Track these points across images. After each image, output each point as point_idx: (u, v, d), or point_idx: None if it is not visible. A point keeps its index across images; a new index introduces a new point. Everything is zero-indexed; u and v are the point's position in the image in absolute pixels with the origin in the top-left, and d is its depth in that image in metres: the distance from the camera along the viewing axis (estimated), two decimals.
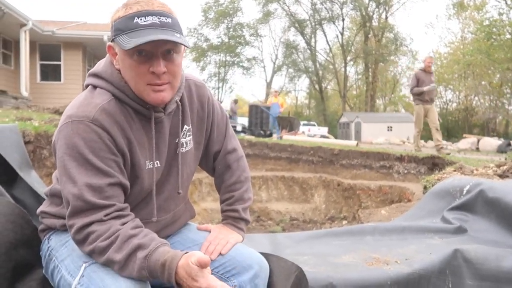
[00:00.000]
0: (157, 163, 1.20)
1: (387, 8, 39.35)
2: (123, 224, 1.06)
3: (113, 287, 1.00)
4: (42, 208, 1.30)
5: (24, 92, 12.10)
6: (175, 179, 1.27)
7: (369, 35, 39.48)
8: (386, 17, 40.10)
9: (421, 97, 7.76)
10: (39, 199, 1.83)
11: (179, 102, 1.24)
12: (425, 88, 7.59)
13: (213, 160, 1.42)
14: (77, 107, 1.10)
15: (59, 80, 14.06)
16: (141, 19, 1.05)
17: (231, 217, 1.39)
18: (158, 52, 1.07)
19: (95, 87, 1.16)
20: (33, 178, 1.95)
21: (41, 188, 1.89)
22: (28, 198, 1.86)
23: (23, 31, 11.87)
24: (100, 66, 1.20)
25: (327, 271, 1.54)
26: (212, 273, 1.16)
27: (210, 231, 1.36)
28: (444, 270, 1.62)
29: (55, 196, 1.24)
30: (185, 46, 1.09)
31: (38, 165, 4.46)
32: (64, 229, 1.18)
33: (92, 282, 1.03)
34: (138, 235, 1.04)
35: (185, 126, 1.27)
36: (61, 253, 1.16)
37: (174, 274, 0.99)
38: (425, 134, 33.06)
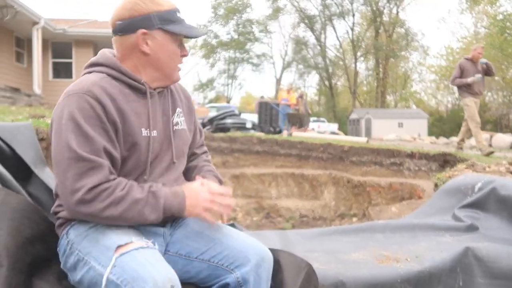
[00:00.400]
0: (154, 132, 1.32)
1: (398, 3, 38.91)
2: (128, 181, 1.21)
3: (147, 277, 1.03)
4: (56, 205, 1.33)
5: (37, 90, 12.27)
6: (171, 152, 1.39)
7: (380, 31, 39.12)
8: (397, 12, 39.68)
9: (469, 89, 6.74)
10: (53, 196, 1.87)
11: (176, 87, 1.47)
12: (469, 80, 6.67)
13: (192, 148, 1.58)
14: (73, 86, 1.23)
15: (71, 77, 14.22)
16: (178, 14, 1.32)
17: (215, 175, 1.50)
18: (183, 42, 1.36)
19: (90, 72, 1.30)
20: (47, 175, 1.99)
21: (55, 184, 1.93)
22: (43, 195, 1.89)
23: (36, 29, 12.03)
24: (94, 57, 1.35)
25: (337, 268, 1.55)
26: (216, 265, 1.25)
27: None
28: (455, 268, 1.62)
29: None
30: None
31: (51, 162, 4.53)
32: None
33: (126, 272, 1.06)
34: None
35: (178, 109, 1.44)
36: (84, 245, 1.18)
37: (184, 196, 1.23)
38: (436, 131, 32.69)
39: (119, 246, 1.12)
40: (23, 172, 1.89)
